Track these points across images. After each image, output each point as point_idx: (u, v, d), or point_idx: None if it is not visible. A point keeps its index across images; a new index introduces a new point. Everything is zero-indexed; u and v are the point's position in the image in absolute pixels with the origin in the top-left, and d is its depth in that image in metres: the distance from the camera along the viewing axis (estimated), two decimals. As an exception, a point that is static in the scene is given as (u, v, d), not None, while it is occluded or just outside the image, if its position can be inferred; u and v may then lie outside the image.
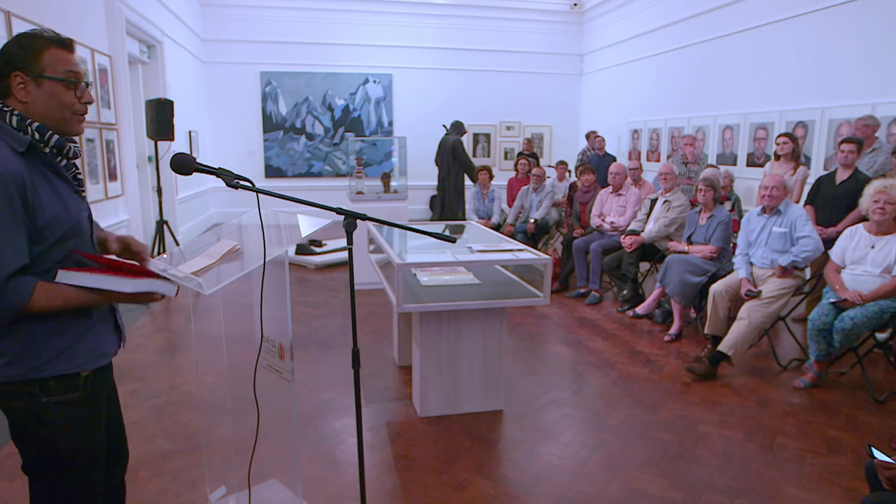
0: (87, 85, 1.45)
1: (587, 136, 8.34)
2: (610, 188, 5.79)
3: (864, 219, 3.71)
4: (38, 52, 1.36)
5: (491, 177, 7.13)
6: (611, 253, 5.36)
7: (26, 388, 1.39)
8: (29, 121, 1.36)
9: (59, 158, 1.43)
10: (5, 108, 1.35)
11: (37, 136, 1.36)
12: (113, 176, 5.29)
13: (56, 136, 1.39)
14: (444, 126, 8.39)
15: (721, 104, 7.09)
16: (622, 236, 5.29)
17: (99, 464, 1.55)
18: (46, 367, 1.39)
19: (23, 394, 1.39)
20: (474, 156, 10.51)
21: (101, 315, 1.52)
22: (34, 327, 1.38)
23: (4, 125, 1.34)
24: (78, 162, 1.52)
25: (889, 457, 1.82)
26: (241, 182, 1.65)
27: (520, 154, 9.18)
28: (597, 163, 7.47)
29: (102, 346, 1.51)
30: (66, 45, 1.41)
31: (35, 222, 1.33)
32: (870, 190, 3.57)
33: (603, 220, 5.71)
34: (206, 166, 1.66)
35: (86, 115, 1.48)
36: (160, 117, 5.43)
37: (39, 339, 1.38)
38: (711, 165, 6.53)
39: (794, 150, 5.09)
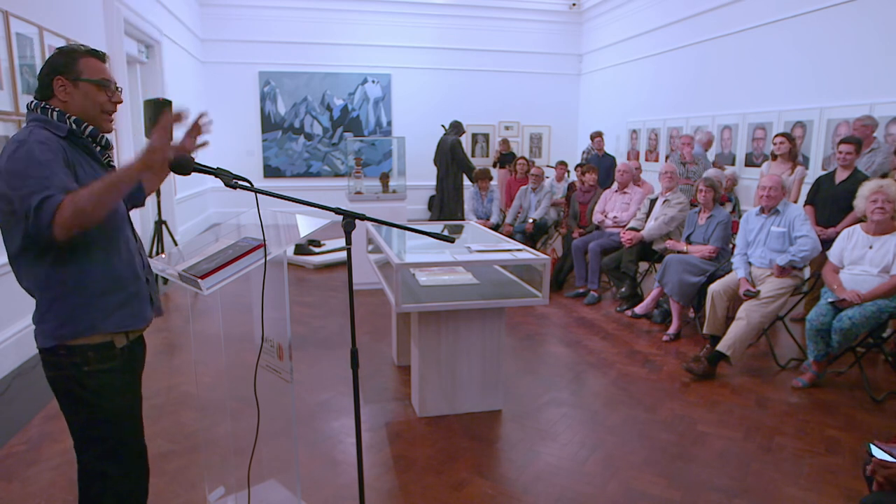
0: (118, 89, 1.70)
1: (592, 137, 8.34)
2: (614, 186, 5.79)
3: (864, 219, 3.72)
4: (75, 59, 1.61)
5: (490, 179, 7.10)
6: (609, 253, 5.36)
7: (70, 359, 1.59)
8: (68, 115, 1.60)
9: (94, 145, 1.66)
10: (47, 106, 1.59)
11: (74, 126, 1.60)
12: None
13: (91, 127, 1.63)
14: (442, 126, 8.39)
15: (719, 104, 7.09)
16: (622, 231, 5.28)
17: (140, 426, 1.79)
18: (92, 329, 1.59)
19: (68, 364, 1.59)
20: (473, 156, 10.50)
21: (137, 288, 1.69)
22: (81, 295, 1.57)
23: (47, 118, 1.58)
24: (112, 153, 1.76)
25: (889, 452, 1.81)
26: (240, 182, 1.66)
27: (507, 155, 9.22)
28: (596, 163, 7.47)
29: (143, 313, 1.72)
30: (100, 55, 1.67)
31: (77, 184, 1.50)
32: (864, 191, 3.57)
33: (605, 217, 5.70)
34: (204, 166, 1.66)
35: (114, 115, 1.71)
36: (158, 117, 5.42)
37: (86, 305, 1.59)
38: (718, 166, 6.53)
39: (791, 149, 5.10)
